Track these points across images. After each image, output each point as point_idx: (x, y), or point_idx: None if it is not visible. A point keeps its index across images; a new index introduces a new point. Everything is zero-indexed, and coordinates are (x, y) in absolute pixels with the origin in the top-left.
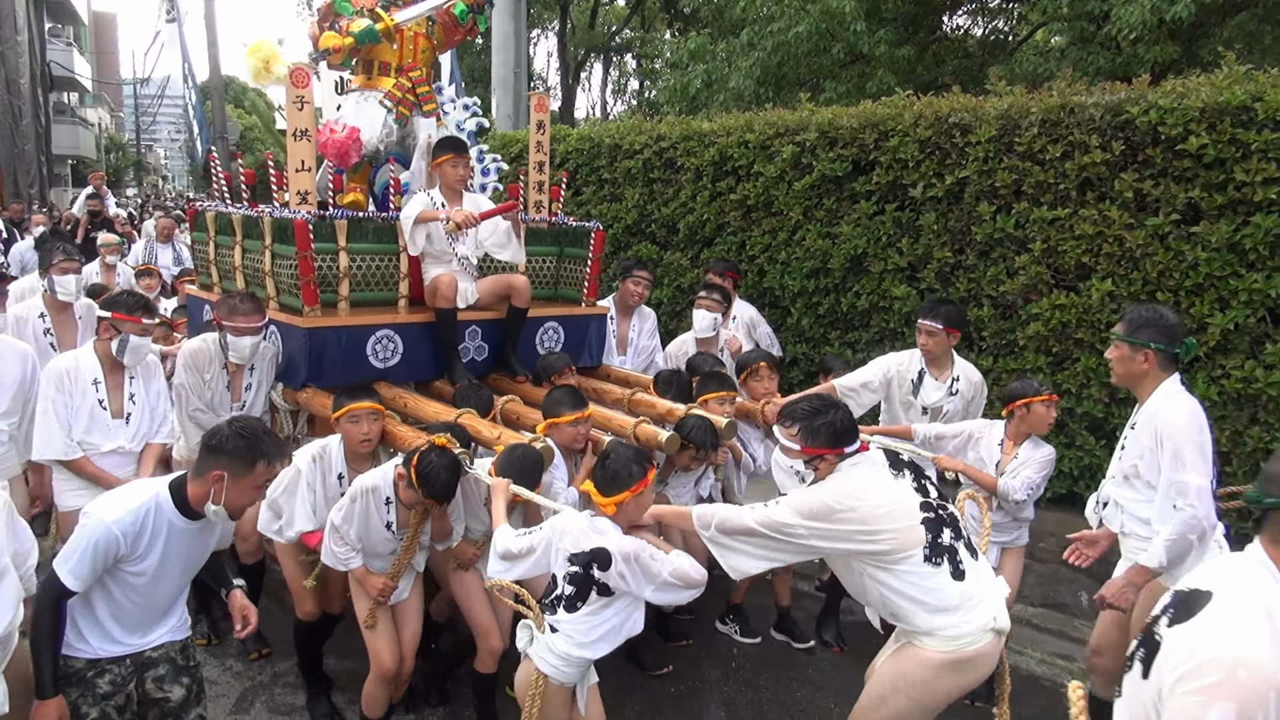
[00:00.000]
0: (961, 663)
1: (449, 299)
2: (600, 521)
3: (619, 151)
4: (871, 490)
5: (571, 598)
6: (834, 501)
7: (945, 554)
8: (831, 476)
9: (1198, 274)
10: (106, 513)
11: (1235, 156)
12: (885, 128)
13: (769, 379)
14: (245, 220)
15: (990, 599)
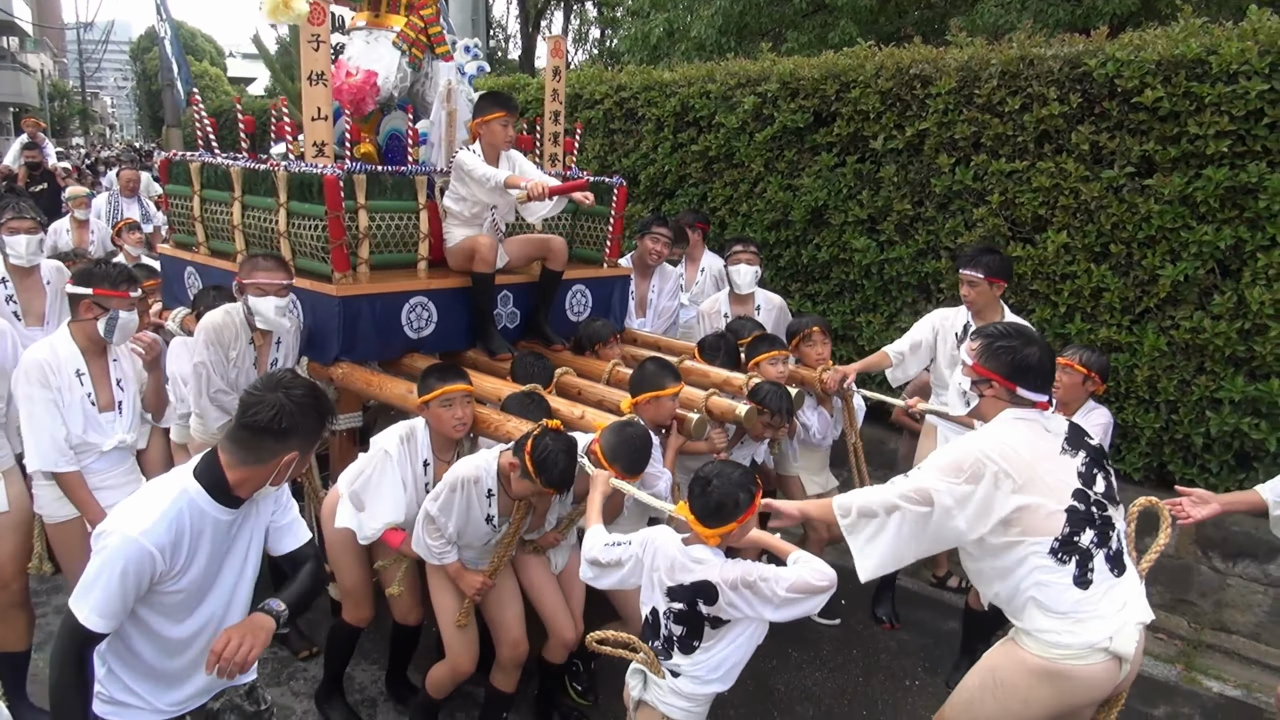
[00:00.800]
0: (1057, 676)
1: (489, 263)
2: (696, 549)
3: (579, 101)
4: (1024, 449)
5: (684, 638)
6: (979, 453)
7: (1076, 555)
8: (991, 424)
9: (1150, 226)
10: (131, 525)
11: (1189, 109)
12: (846, 79)
13: (822, 343)
14: (249, 174)
15: (1114, 619)
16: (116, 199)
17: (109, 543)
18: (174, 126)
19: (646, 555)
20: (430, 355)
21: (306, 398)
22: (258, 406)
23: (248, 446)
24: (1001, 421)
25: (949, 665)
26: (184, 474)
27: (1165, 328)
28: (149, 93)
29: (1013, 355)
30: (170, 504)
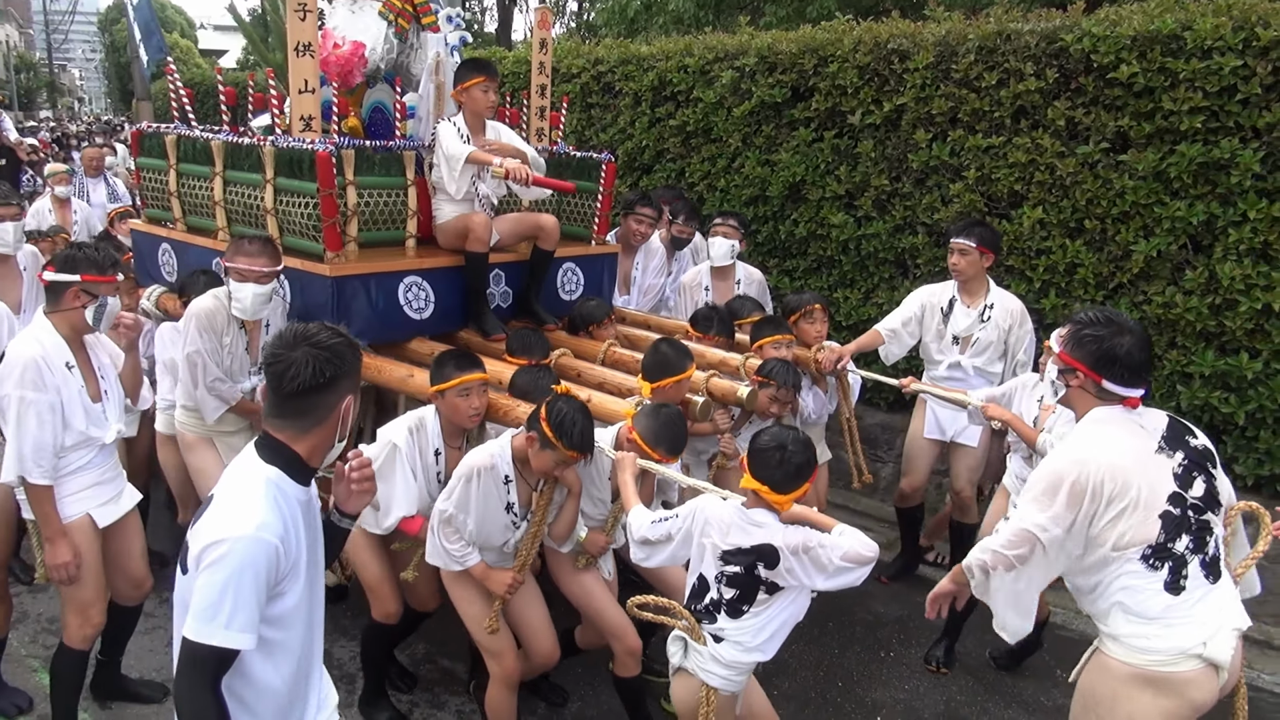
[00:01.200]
0: (1153, 681)
1: (484, 241)
2: (757, 513)
3: (556, 75)
4: (1116, 455)
5: (735, 601)
6: (1074, 471)
7: (1170, 561)
8: (1080, 430)
9: (1124, 202)
10: (242, 525)
11: (1164, 85)
12: (824, 53)
13: (822, 321)
14: (231, 148)
15: (1208, 624)
16: (81, 179)
17: (224, 552)
18: (144, 99)
19: (695, 525)
20: (431, 337)
21: (332, 339)
22: (292, 369)
23: (303, 412)
24: (1091, 424)
25: (925, 638)
26: (253, 464)
27: (1138, 303)
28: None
29: (1099, 344)
30: (265, 493)
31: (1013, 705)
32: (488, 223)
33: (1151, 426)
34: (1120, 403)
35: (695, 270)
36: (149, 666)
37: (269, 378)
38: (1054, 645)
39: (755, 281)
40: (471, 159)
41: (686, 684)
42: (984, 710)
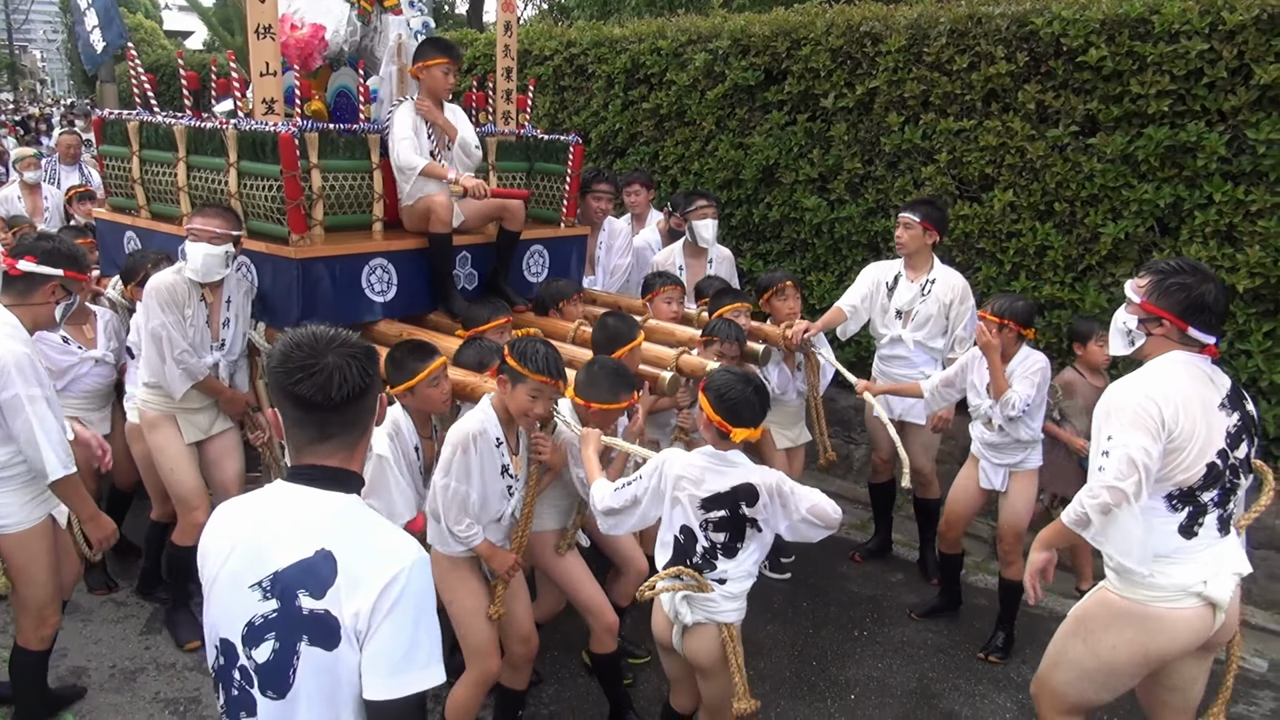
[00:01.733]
0: (1146, 619)
1: (446, 223)
2: (731, 454)
3: (528, 58)
4: (1193, 398)
5: (728, 543)
6: (1156, 400)
7: (1191, 507)
8: (1153, 364)
9: (1093, 185)
10: (402, 553)
11: (1131, 69)
12: (797, 36)
13: (794, 298)
14: (194, 132)
15: (1210, 565)
16: (55, 166)
17: (403, 586)
18: (109, 82)
19: (665, 482)
20: (397, 320)
21: (350, 336)
22: (339, 375)
23: (353, 422)
24: (1168, 363)
25: (898, 617)
26: (335, 504)
27: (1106, 285)
28: None
29: (1188, 292)
30: (383, 518)
31: (983, 682)
32: (449, 203)
33: (1220, 382)
34: (1200, 350)
35: (669, 250)
36: (121, 655)
37: (307, 393)
38: (1024, 623)
39: (726, 260)
40: (427, 172)
41: (703, 635)
42: (955, 687)
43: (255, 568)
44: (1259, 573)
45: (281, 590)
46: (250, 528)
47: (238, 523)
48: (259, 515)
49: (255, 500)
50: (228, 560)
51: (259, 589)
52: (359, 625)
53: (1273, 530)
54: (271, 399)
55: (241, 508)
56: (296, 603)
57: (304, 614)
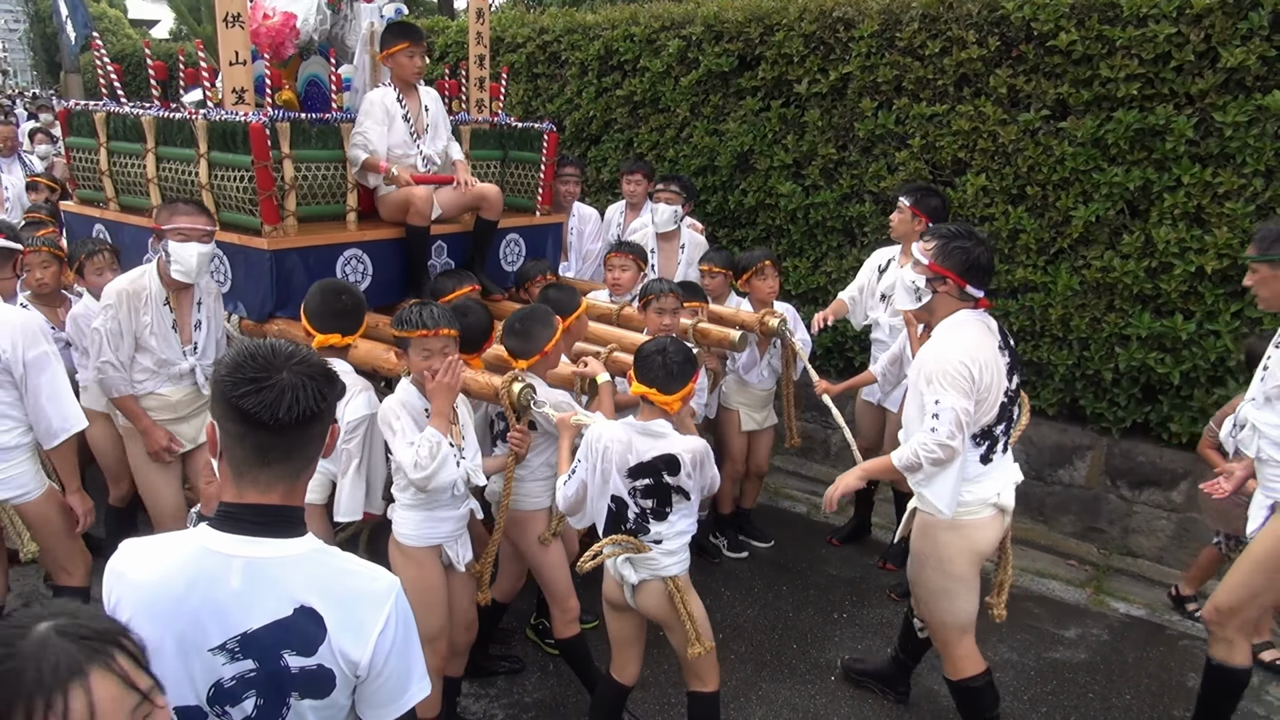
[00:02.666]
0: (959, 527)
1: (425, 215)
2: (656, 423)
3: (501, 45)
4: (984, 350)
5: (656, 508)
6: (962, 361)
7: (989, 440)
8: (949, 326)
9: (1064, 168)
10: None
11: (1101, 53)
12: (770, 22)
13: (773, 278)
14: (163, 123)
15: (999, 480)
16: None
17: (398, 617)
18: (73, 72)
19: (596, 458)
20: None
21: (310, 354)
22: (290, 393)
23: (300, 447)
24: (957, 326)
25: (877, 599)
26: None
27: (1078, 267)
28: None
29: (966, 254)
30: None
31: None
32: (429, 196)
33: (993, 328)
34: (975, 304)
35: (640, 235)
36: None
37: (251, 407)
38: (1052, 611)
39: (699, 244)
40: (367, 165)
41: (650, 590)
42: (933, 666)
43: (213, 631)
44: None
45: (259, 651)
46: (187, 587)
47: (164, 580)
48: (195, 571)
49: (180, 552)
50: (172, 625)
51: (223, 652)
52: (359, 672)
53: None
54: (212, 410)
55: (163, 561)
56: (282, 662)
57: (292, 672)
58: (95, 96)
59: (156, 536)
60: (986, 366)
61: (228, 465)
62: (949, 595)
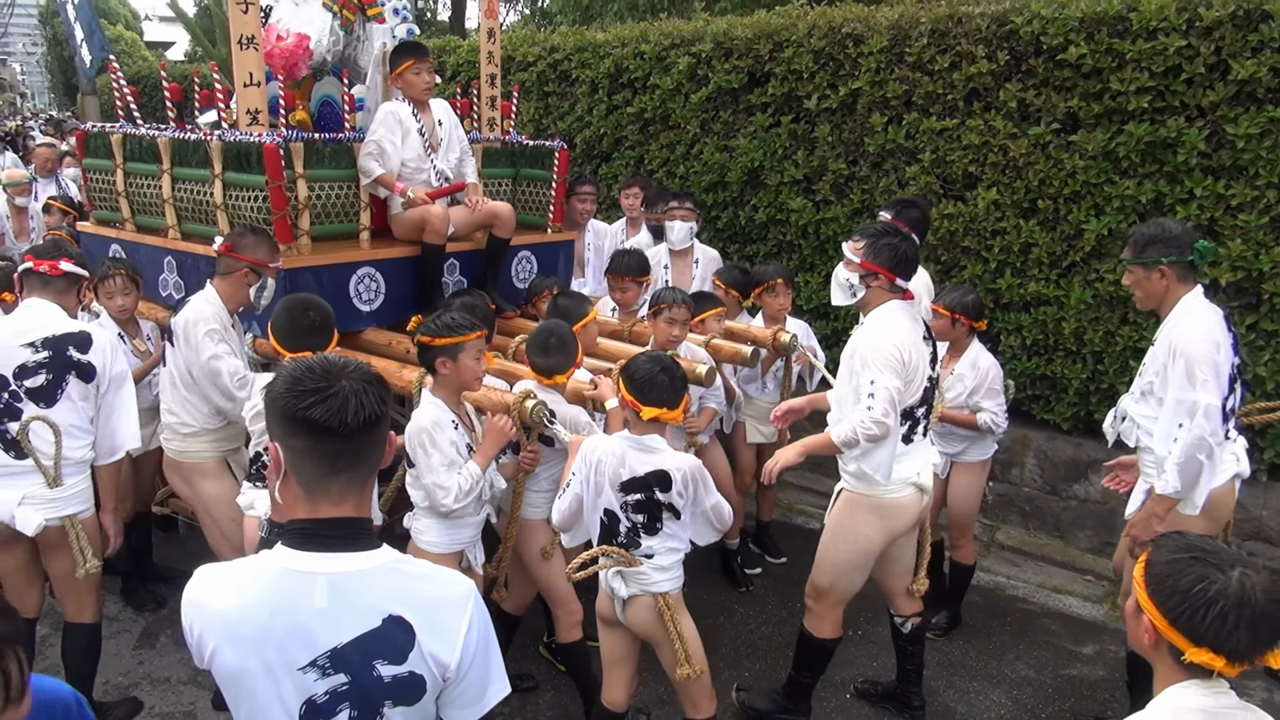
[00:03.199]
0: (880, 507)
1: (441, 234)
2: (650, 438)
3: (512, 64)
4: (912, 336)
5: (647, 523)
6: (895, 346)
7: (910, 421)
8: (881, 314)
9: (1075, 182)
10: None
11: (1111, 66)
12: (779, 38)
13: (785, 294)
14: (178, 144)
15: (918, 460)
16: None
17: (478, 618)
18: (90, 94)
19: (590, 470)
20: (382, 327)
21: (369, 372)
22: (355, 399)
23: (367, 453)
24: (888, 314)
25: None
26: (361, 554)
27: (1091, 281)
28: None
29: (894, 251)
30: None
31: (977, 678)
32: (445, 215)
33: (919, 319)
34: (902, 295)
35: (654, 251)
36: (115, 670)
37: (321, 417)
38: (1016, 619)
39: (712, 260)
40: (382, 182)
41: (640, 606)
42: (950, 684)
43: (302, 650)
44: None
45: (351, 665)
46: (272, 612)
47: (247, 607)
48: (278, 594)
49: (260, 576)
50: (258, 651)
51: (314, 669)
52: (448, 675)
53: (1259, 521)
54: (272, 431)
55: (244, 587)
56: (374, 673)
57: (385, 681)
58: (112, 118)
59: (232, 562)
60: (915, 351)
61: (297, 483)
62: (851, 569)
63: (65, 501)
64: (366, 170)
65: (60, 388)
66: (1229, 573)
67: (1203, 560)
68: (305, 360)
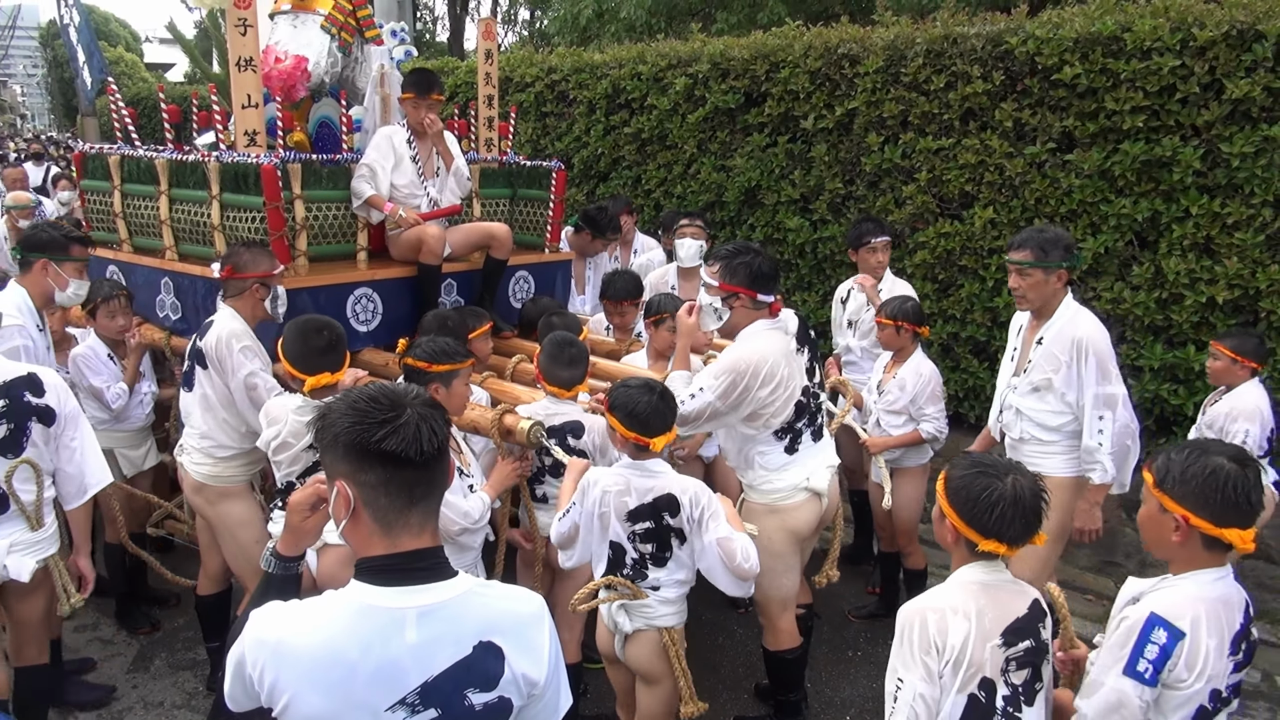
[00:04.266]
0: (776, 511)
1: (438, 254)
2: (651, 462)
3: (510, 84)
4: (772, 353)
5: (656, 553)
6: (740, 362)
7: (790, 434)
8: (743, 339)
9: (1071, 200)
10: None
11: (1106, 86)
12: (776, 59)
13: None
14: (176, 165)
15: (809, 465)
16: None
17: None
18: (89, 115)
19: (593, 503)
20: (375, 349)
21: (428, 398)
22: (425, 425)
23: (436, 481)
24: (754, 334)
25: (890, 634)
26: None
27: (1088, 299)
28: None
29: (750, 268)
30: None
31: None
32: (442, 235)
33: (789, 329)
34: (768, 309)
35: (662, 270)
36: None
37: (397, 447)
38: None
39: None
40: (371, 203)
41: (643, 641)
42: None
43: (390, 690)
44: (1247, 582)
45: (442, 697)
46: (361, 652)
47: (332, 646)
48: (365, 632)
49: (340, 614)
50: (345, 693)
51: (403, 707)
52: (535, 691)
53: (1259, 540)
54: (337, 469)
55: (325, 626)
56: (465, 703)
57: (476, 709)
58: (111, 139)
59: (303, 603)
60: (780, 363)
61: (372, 519)
62: (773, 572)
63: (47, 542)
64: (357, 192)
65: (25, 435)
66: (1004, 479)
67: (985, 473)
68: (365, 390)
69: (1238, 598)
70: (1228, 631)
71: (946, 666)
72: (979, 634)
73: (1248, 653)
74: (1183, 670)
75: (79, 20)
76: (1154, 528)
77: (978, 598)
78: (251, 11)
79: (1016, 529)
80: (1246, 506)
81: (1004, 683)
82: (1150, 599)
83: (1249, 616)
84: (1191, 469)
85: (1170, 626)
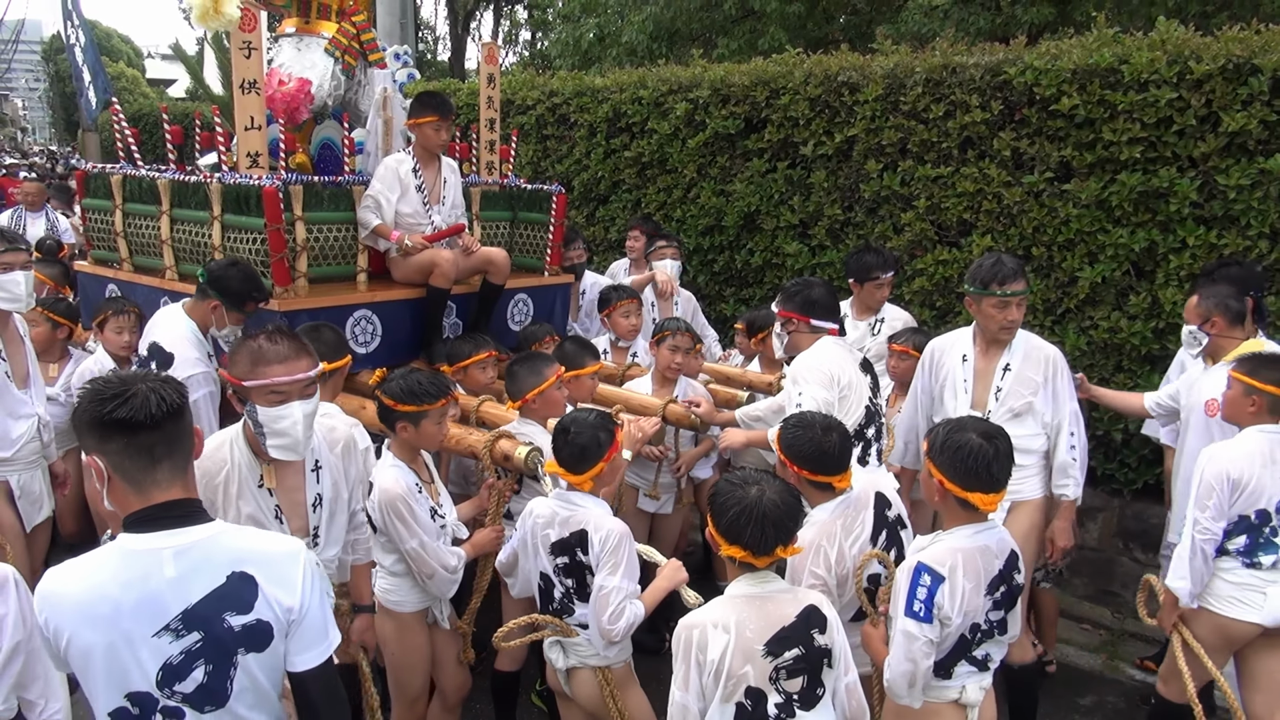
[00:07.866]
0: None
1: (449, 278)
2: (575, 495)
3: (511, 107)
4: (846, 363)
5: (578, 588)
6: (828, 364)
7: (862, 441)
8: (812, 349)
9: (1069, 230)
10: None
11: (1104, 116)
12: (776, 85)
13: None
14: (177, 186)
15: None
16: (21, 213)
17: (310, 567)
18: (90, 131)
19: (529, 532)
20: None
21: (161, 374)
22: (144, 401)
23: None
24: (820, 345)
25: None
26: (193, 529)
27: (1085, 328)
28: (63, 95)
29: (804, 297)
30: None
31: None
32: (454, 259)
33: (855, 354)
34: (827, 334)
35: (617, 265)
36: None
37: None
38: (1066, 677)
39: (688, 300)
40: (378, 231)
41: (581, 680)
42: None
43: (153, 619)
44: None
45: (202, 621)
46: (122, 589)
47: (96, 594)
48: (127, 573)
49: (106, 562)
50: (113, 625)
51: (168, 633)
52: (293, 617)
53: None
54: (87, 445)
55: (92, 574)
56: (225, 625)
57: (235, 630)
58: (112, 154)
59: (77, 558)
60: (845, 369)
61: (123, 481)
62: None
63: None
64: (364, 222)
65: None
66: (749, 489)
67: (739, 485)
68: (99, 377)
69: (998, 548)
70: (984, 576)
71: (709, 679)
72: (738, 646)
73: (1006, 594)
74: (949, 609)
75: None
76: (927, 489)
77: (740, 610)
78: (256, 35)
79: (767, 538)
80: (987, 475)
81: (775, 690)
82: (922, 553)
83: (1010, 565)
84: (949, 442)
85: (933, 571)
